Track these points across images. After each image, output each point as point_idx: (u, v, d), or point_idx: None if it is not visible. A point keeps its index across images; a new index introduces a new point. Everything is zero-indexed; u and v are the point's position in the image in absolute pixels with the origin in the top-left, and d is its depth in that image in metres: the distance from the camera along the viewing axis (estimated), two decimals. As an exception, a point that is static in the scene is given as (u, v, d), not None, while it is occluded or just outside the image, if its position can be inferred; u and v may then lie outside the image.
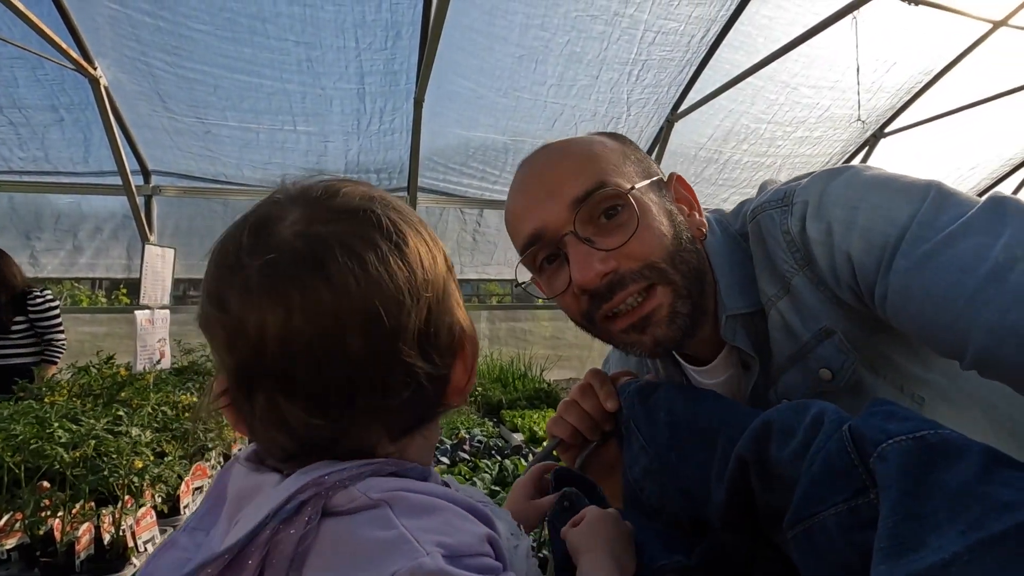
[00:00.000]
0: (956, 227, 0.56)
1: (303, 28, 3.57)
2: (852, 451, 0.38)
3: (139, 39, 3.49)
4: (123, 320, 4.73)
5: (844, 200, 0.63)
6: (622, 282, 0.68)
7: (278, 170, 4.54)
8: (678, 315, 0.69)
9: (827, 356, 0.68)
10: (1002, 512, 0.30)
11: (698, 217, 0.76)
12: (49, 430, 1.56)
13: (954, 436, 0.36)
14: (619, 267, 0.68)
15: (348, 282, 0.42)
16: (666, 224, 0.71)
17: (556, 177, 0.70)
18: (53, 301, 3.54)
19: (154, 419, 2.04)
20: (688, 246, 0.71)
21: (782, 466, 0.44)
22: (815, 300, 0.67)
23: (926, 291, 0.56)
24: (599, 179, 0.68)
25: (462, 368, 0.49)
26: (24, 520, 1.46)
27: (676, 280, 0.69)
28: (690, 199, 0.77)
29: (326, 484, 0.40)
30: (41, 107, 3.80)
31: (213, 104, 3.95)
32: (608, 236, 0.68)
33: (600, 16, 3.77)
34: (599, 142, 0.75)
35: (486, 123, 4.50)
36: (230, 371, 0.43)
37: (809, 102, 4.78)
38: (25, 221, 4.32)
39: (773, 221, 0.69)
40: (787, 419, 0.46)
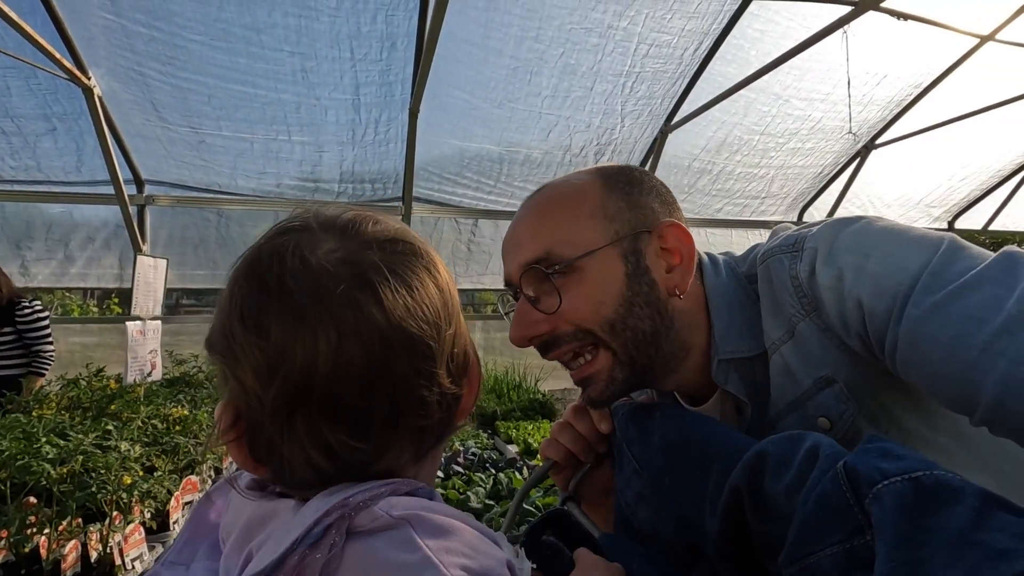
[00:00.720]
0: (969, 278, 0.55)
1: (298, 39, 3.58)
2: (848, 491, 0.38)
3: (133, 49, 3.49)
4: (114, 330, 4.68)
5: (856, 247, 0.63)
6: (556, 342, 0.72)
7: (272, 180, 4.53)
8: (614, 381, 0.72)
9: (826, 405, 0.68)
10: (998, 561, 0.30)
11: (680, 275, 0.73)
12: (36, 445, 1.54)
13: (949, 477, 0.36)
14: (555, 329, 0.71)
15: (397, 306, 0.43)
16: (613, 291, 0.70)
17: (517, 236, 0.75)
18: (42, 312, 3.49)
19: (144, 433, 2.02)
20: (641, 311, 0.71)
21: (777, 498, 0.43)
22: (820, 347, 0.67)
23: (936, 340, 0.55)
24: (546, 248, 0.71)
25: (470, 389, 0.51)
26: (9, 538, 1.44)
27: (615, 347, 0.71)
28: (681, 250, 0.74)
29: (350, 505, 0.40)
30: (34, 116, 3.78)
31: (207, 114, 3.95)
32: (549, 298, 0.71)
33: (594, 29, 3.81)
34: (575, 195, 0.74)
35: (481, 134, 4.52)
36: (263, 398, 0.42)
37: (801, 114, 4.83)
38: (16, 230, 4.28)
39: (782, 265, 0.69)
40: (782, 450, 0.45)
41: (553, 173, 4.93)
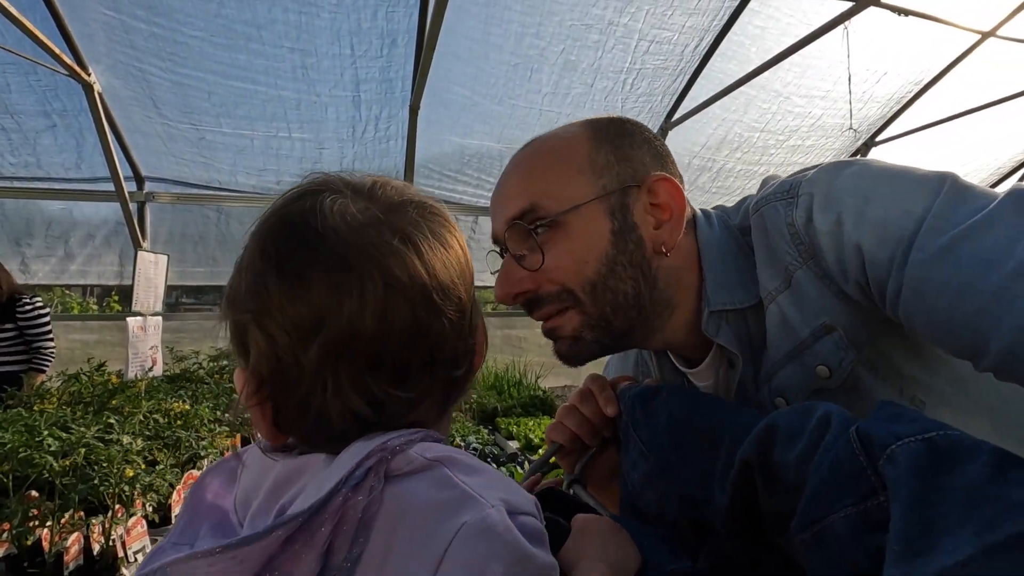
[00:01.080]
0: (978, 219, 0.53)
1: (298, 35, 3.57)
2: (861, 453, 0.38)
3: (133, 45, 3.48)
4: (115, 327, 4.67)
5: (856, 190, 0.61)
6: (539, 302, 0.72)
7: (273, 176, 4.53)
8: (580, 340, 0.72)
9: (826, 353, 0.66)
10: (1016, 512, 0.29)
11: (669, 231, 0.71)
12: (39, 438, 1.54)
13: (963, 437, 0.36)
14: (538, 288, 0.70)
15: (435, 260, 0.45)
16: (597, 249, 0.69)
17: (503, 191, 0.74)
18: (43, 308, 3.48)
19: (145, 427, 2.02)
20: (624, 271, 0.69)
21: (787, 469, 0.43)
22: (817, 295, 0.65)
23: (945, 285, 0.53)
24: (531, 202, 0.69)
25: (481, 342, 0.53)
26: (11, 530, 1.44)
27: (589, 311, 0.70)
28: (671, 205, 0.72)
29: (388, 449, 0.41)
30: (33, 113, 3.77)
31: (207, 111, 3.94)
32: (534, 255, 0.70)
33: (595, 25, 3.80)
34: (563, 148, 0.73)
35: (481, 131, 4.51)
36: (299, 353, 0.42)
37: (801, 111, 4.83)
38: (15, 227, 4.27)
39: (777, 213, 0.67)
40: (793, 422, 0.45)
41: (553, 170, 4.92)
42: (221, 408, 2.64)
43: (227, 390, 3.07)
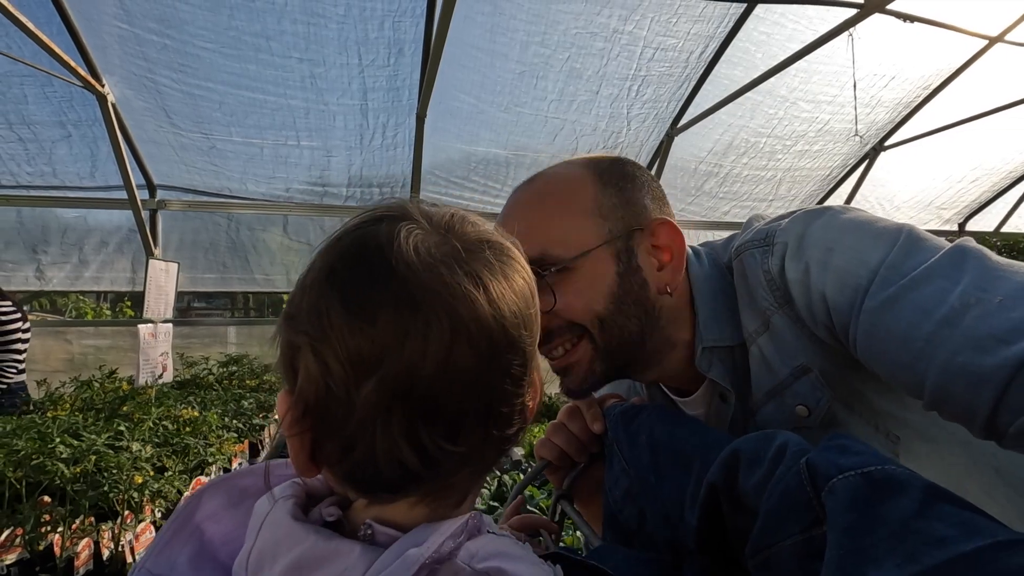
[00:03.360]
0: (919, 271, 0.58)
1: (307, 45, 3.63)
2: (808, 484, 0.40)
3: (146, 57, 3.56)
4: (127, 333, 4.76)
5: (821, 242, 0.65)
6: (549, 337, 0.72)
7: (282, 184, 4.59)
8: (592, 374, 0.74)
9: (803, 393, 0.70)
10: (935, 547, 0.31)
11: (671, 273, 0.74)
12: (51, 445, 1.58)
13: (898, 472, 0.38)
14: (548, 324, 0.70)
15: (504, 307, 0.41)
16: (604, 290, 0.71)
17: (510, 231, 0.74)
18: (7, 314, 3.18)
19: (155, 433, 2.06)
20: (630, 310, 0.72)
21: (748, 495, 0.45)
22: (793, 338, 0.69)
23: (889, 331, 0.58)
24: (540, 250, 0.70)
25: (535, 397, 0.48)
26: (24, 535, 1.47)
27: (599, 343, 0.72)
28: (672, 248, 0.74)
29: (439, 557, 0.39)
30: (49, 123, 3.86)
31: (218, 120, 4.01)
32: (544, 296, 0.69)
33: (600, 33, 3.83)
34: (568, 193, 0.74)
35: (487, 138, 4.55)
36: (351, 388, 0.38)
37: (808, 116, 4.82)
38: (32, 235, 4.37)
39: (755, 260, 0.71)
40: (754, 448, 0.47)
41: (559, 176, 4.94)
42: (229, 415, 2.68)
43: (235, 396, 3.12)
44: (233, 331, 4.94)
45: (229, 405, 2.83)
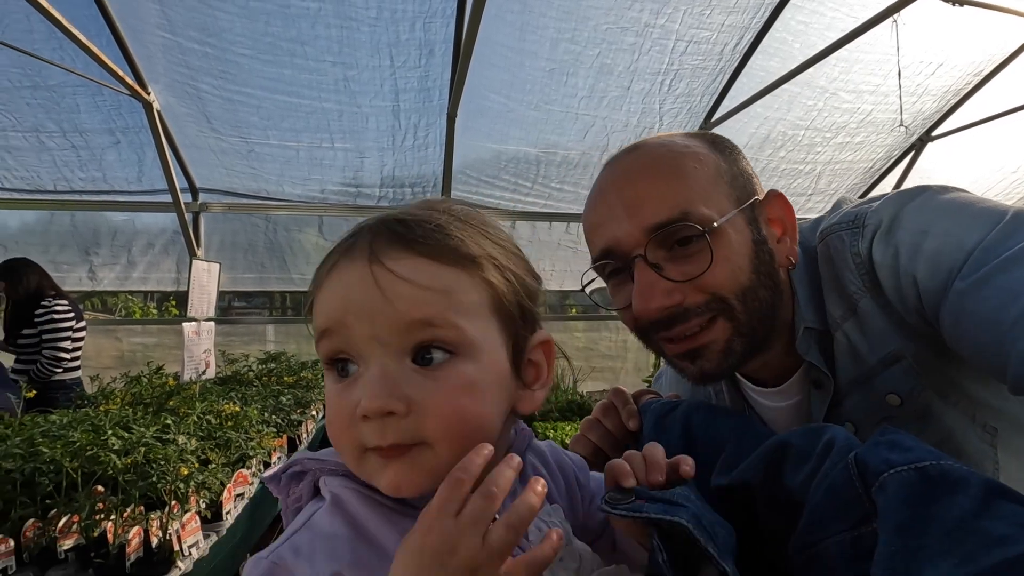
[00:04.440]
0: (1013, 253, 0.55)
1: (340, 49, 3.70)
2: (857, 480, 0.38)
3: (188, 65, 3.69)
4: (172, 331, 4.95)
5: (915, 224, 0.62)
6: (684, 315, 0.67)
7: (317, 186, 4.70)
8: (732, 353, 0.68)
9: (895, 381, 0.67)
10: (994, 547, 0.30)
11: (789, 244, 0.71)
12: (104, 437, 1.66)
13: (955, 468, 0.36)
14: (684, 300, 0.66)
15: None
16: (746, 258, 0.67)
17: (637, 195, 0.68)
18: (61, 311, 3.22)
19: (199, 427, 2.14)
20: (765, 280, 0.68)
21: (794, 489, 0.44)
22: (882, 323, 0.66)
23: (975, 313, 0.55)
24: (682, 209, 0.65)
25: None
26: (80, 522, 1.55)
27: (740, 318, 0.67)
28: (785, 222, 0.72)
29: None
30: (100, 131, 4.05)
31: (256, 124, 4.13)
32: (679, 265, 0.66)
33: (630, 28, 3.78)
34: (694, 155, 0.69)
35: (517, 136, 4.55)
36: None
37: (849, 107, 4.65)
38: (84, 237, 4.59)
39: (843, 243, 0.68)
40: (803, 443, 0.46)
41: (591, 174, 4.92)
42: (268, 410, 2.76)
43: (274, 392, 3.21)
44: (271, 329, 5.08)
45: (268, 401, 2.91)
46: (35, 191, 4.37)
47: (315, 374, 4.05)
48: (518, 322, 0.47)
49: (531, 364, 0.48)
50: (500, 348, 0.46)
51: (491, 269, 0.46)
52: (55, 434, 1.71)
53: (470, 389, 0.43)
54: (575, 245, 5.38)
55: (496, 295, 0.46)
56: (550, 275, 5.40)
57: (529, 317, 0.48)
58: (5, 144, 4.05)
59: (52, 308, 3.20)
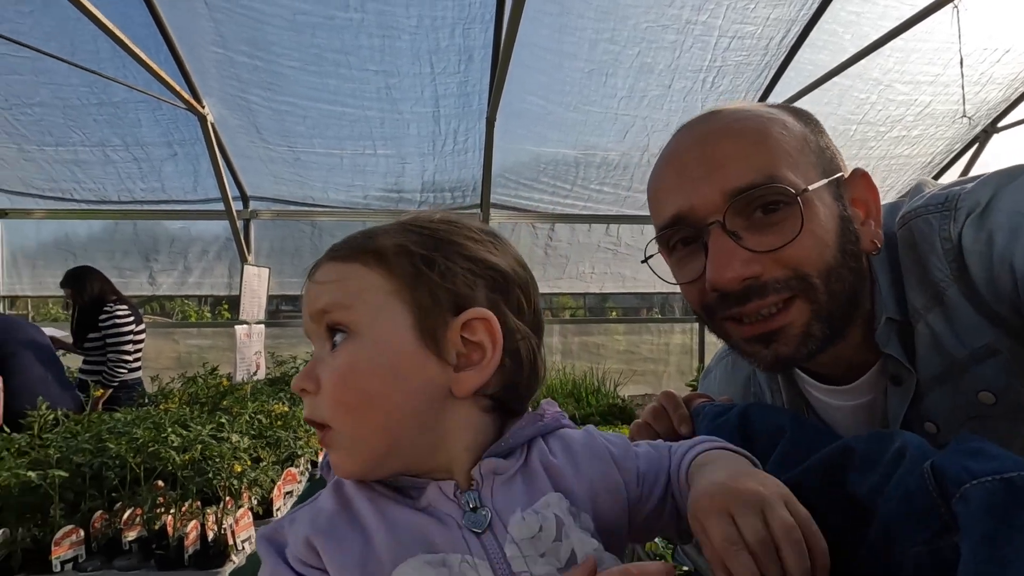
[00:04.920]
0: None
1: (382, 58, 3.79)
2: (934, 490, 0.36)
3: (239, 78, 3.85)
4: (225, 333, 5.17)
5: (1013, 206, 0.56)
6: (762, 290, 0.61)
7: (360, 192, 4.82)
8: (810, 337, 0.62)
9: (988, 377, 0.60)
10: None
11: (873, 227, 0.65)
12: (163, 435, 1.74)
13: None
14: (763, 273, 0.60)
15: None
16: (833, 234, 0.62)
17: (718, 156, 0.62)
18: (121, 317, 3.33)
19: (251, 426, 2.22)
20: (850, 262, 0.63)
21: (860, 497, 0.42)
22: (971, 315, 0.60)
23: None
24: (769, 172, 0.59)
25: None
26: (143, 515, 1.63)
27: (821, 300, 0.61)
28: (869, 203, 0.66)
29: None
30: (159, 144, 4.28)
31: (302, 133, 4.27)
32: (761, 234, 0.60)
33: (671, 26, 3.72)
34: (779, 121, 0.64)
35: (556, 138, 4.54)
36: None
37: (905, 99, 4.43)
38: (145, 245, 4.85)
39: (931, 227, 0.62)
40: (869, 449, 0.44)
41: (631, 175, 4.86)
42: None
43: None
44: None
45: (315, 401, 2.99)
46: (101, 201, 4.66)
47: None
48: (428, 304, 0.47)
49: (467, 345, 0.48)
50: (401, 328, 0.47)
51: (393, 257, 0.48)
52: (120, 431, 1.81)
53: (353, 365, 0.46)
54: (615, 247, 5.32)
55: (396, 278, 0.47)
56: (590, 278, 5.35)
57: (446, 299, 0.48)
58: (75, 158, 4.33)
59: (114, 313, 3.34)
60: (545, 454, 0.51)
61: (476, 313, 0.48)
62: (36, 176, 4.49)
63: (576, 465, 0.51)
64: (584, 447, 0.53)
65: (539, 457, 0.51)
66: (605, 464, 0.53)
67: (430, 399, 0.47)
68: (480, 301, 0.49)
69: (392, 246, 0.49)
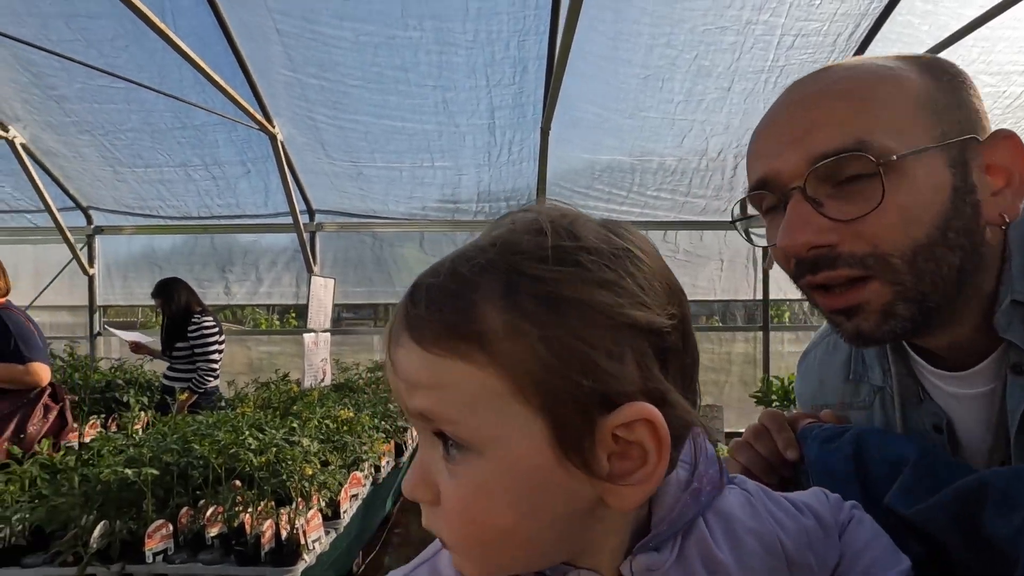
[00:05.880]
0: None
1: (439, 73, 3.89)
2: None
3: (307, 98, 4.06)
4: (291, 340, 5.44)
5: None
6: (832, 262, 0.57)
7: (418, 203, 4.97)
8: (894, 317, 0.57)
9: None
10: None
11: (1010, 199, 0.58)
12: (242, 437, 1.85)
13: None
14: (838, 244, 0.56)
15: None
16: (932, 208, 0.55)
17: (810, 120, 0.58)
18: (209, 328, 3.51)
19: (319, 431, 2.32)
20: (955, 239, 0.56)
21: (1000, 540, 0.39)
22: None
23: None
24: (859, 137, 0.55)
25: None
26: (224, 513, 1.74)
27: (906, 281, 0.56)
28: (1012, 172, 0.59)
29: None
30: (234, 162, 4.57)
31: (364, 148, 4.45)
32: (843, 203, 0.56)
33: (730, 27, 3.62)
34: (893, 78, 0.58)
35: (611, 145, 4.51)
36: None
37: (992, 91, 4.11)
38: (222, 257, 5.19)
39: None
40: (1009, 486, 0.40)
41: (688, 180, 4.76)
42: (378, 416, 2.93)
43: (382, 399, 3.40)
44: (378, 340, 5.41)
45: (378, 407, 3.09)
46: (183, 217, 5.02)
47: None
48: (567, 407, 0.35)
49: (621, 449, 0.36)
50: (535, 443, 0.35)
51: (505, 345, 0.35)
52: (203, 433, 1.94)
53: (479, 494, 0.36)
54: (673, 254, 5.21)
55: (515, 377, 0.35)
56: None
57: (588, 395, 0.35)
58: (161, 178, 4.70)
59: (202, 324, 3.53)
60: (706, 544, 0.41)
61: (633, 414, 0.35)
62: (127, 195, 4.91)
63: (744, 567, 0.42)
64: (755, 540, 0.43)
65: (698, 549, 0.41)
66: (778, 567, 0.43)
67: (578, 516, 0.38)
68: (632, 381, 0.36)
69: (500, 328, 0.35)
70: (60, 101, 4.08)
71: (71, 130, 4.32)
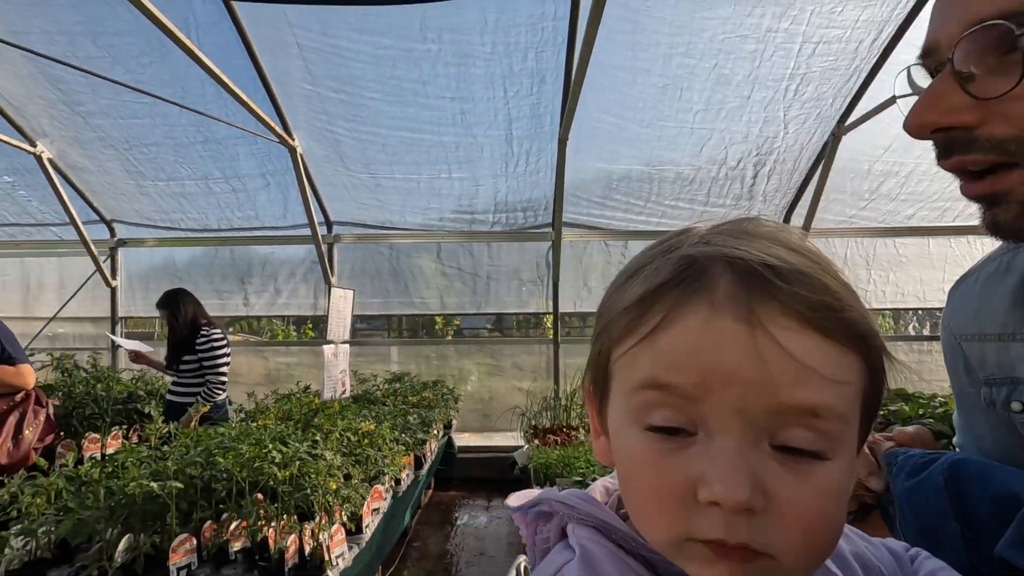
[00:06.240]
0: None
1: (457, 85, 3.91)
2: None
3: (326, 112, 4.10)
4: (309, 351, 5.45)
5: None
6: (966, 145, 0.50)
7: (435, 214, 4.97)
8: None
9: None
10: None
11: None
12: (265, 450, 1.84)
13: None
14: (980, 125, 0.49)
15: None
16: None
17: None
18: (217, 340, 3.42)
19: (341, 444, 2.30)
20: None
21: None
22: None
23: None
24: (1001, 9, 0.47)
25: None
26: (248, 527, 1.72)
27: None
28: None
29: None
30: (254, 175, 4.62)
31: (381, 160, 4.47)
32: (998, 78, 0.48)
33: (750, 35, 3.60)
34: None
35: (628, 155, 4.49)
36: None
37: (1019, 96, 4.04)
38: (240, 269, 5.23)
39: None
40: None
41: (707, 189, 4.71)
42: (398, 428, 2.91)
43: (401, 411, 3.38)
44: (395, 350, 5.40)
45: (397, 420, 3.07)
46: (204, 230, 5.08)
47: (435, 394, 4.23)
48: (872, 410, 0.37)
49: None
50: (855, 440, 0.37)
51: (874, 348, 0.36)
52: (227, 446, 1.92)
53: (837, 496, 0.35)
54: (691, 263, 5.16)
55: (866, 382, 0.36)
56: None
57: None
58: (182, 191, 4.76)
59: (211, 337, 3.43)
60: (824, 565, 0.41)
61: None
62: (149, 208, 4.98)
63: None
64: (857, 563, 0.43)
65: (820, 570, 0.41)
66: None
67: None
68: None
69: (873, 332, 0.36)
70: (86, 116, 4.17)
71: (96, 145, 4.40)
